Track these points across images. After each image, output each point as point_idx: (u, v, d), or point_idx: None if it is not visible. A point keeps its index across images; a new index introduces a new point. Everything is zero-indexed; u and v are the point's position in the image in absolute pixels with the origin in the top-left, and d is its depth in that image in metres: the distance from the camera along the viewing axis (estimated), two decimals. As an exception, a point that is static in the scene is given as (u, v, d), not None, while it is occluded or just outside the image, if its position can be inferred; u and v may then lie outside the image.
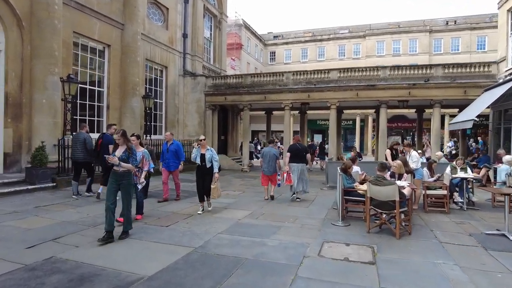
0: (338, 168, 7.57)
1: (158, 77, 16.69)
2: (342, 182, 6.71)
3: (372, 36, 39.54)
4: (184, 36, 17.89)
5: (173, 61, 17.26)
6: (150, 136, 13.98)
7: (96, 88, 12.89)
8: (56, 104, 10.18)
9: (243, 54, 37.85)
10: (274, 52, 45.02)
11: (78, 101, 12.04)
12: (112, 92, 13.27)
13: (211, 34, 21.19)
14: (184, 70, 17.88)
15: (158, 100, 16.60)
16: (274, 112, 22.38)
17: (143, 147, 7.84)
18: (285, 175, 8.79)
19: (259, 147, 28.73)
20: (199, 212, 7.12)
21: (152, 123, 16.23)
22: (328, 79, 15.54)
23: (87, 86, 12.49)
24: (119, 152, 5.19)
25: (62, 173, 9.92)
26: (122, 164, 5.06)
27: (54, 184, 9.51)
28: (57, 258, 4.39)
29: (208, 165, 7.07)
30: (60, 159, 9.92)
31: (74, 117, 11.80)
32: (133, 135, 6.56)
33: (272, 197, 9.06)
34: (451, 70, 14.23)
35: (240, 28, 38.99)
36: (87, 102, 12.48)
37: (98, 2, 12.39)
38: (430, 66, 14.81)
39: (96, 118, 12.84)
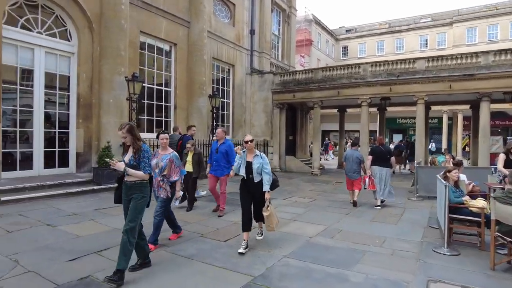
0: (438, 176, 5.89)
1: (225, 76, 16.22)
2: (448, 196, 5.05)
3: (460, 22, 34.74)
4: (251, 32, 17.19)
5: (240, 59, 16.66)
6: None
7: (163, 88, 12.78)
8: (122, 104, 10.11)
9: (313, 50, 36.26)
10: (347, 47, 42.47)
11: (146, 101, 12.02)
12: (179, 92, 13.05)
13: (279, 29, 20.21)
14: (251, 68, 17.18)
15: (225, 100, 16.14)
16: (348, 110, 20.51)
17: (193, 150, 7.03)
18: (367, 179, 8.16)
19: (331, 154, 26.97)
20: (240, 251, 4.62)
21: (220, 123, 15.80)
22: (413, 69, 13.36)
23: (154, 86, 12.42)
24: (128, 155, 3.90)
25: (128, 174, 9.78)
26: (130, 171, 3.74)
27: (120, 185, 9.37)
28: (93, 279, 3.71)
29: (257, 179, 4.85)
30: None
31: (141, 117, 11.80)
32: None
33: (355, 203, 8.28)
34: None
35: (310, 24, 37.47)
36: (155, 102, 12.39)
37: (164, 1, 12.22)
38: (553, 46, 11.73)
39: (163, 119, 12.72)
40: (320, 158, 23.40)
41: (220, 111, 15.88)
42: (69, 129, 9.85)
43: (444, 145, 29.06)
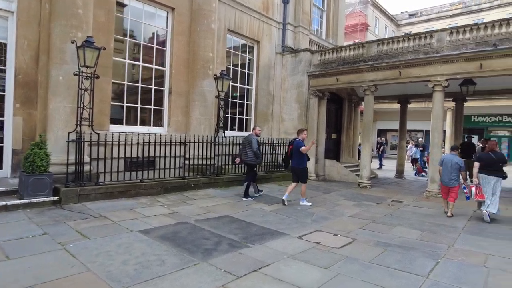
0: None
1: (247, 55, 12.71)
2: None
3: None
4: (285, 1, 13.46)
5: (268, 33, 13.03)
6: (223, 133, 10.02)
7: (154, 66, 9.63)
8: (76, 84, 7.06)
9: (369, 36, 31.23)
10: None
11: (126, 82, 8.97)
12: (176, 72, 9.84)
13: (323, 0, 16.16)
14: (283, 45, 13.46)
15: (246, 86, 12.64)
16: (411, 103, 15.80)
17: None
18: (473, 189, 7.25)
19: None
20: None
21: (237, 115, 12.35)
22: (522, 33, 8.69)
23: (140, 63, 9.31)
24: None
25: (77, 180, 6.78)
26: None
27: (56, 198, 6.37)
28: None
29: None
30: (79, 160, 6.82)
31: (116, 103, 8.78)
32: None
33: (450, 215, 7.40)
34: None
35: (366, 6, 32.52)
36: (140, 85, 9.29)
37: None
38: None
39: (152, 107, 9.58)
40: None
41: (238, 100, 12.42)
42: (4, 117, 7.08)
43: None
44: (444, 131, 22.39)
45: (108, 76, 8.31)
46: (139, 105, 9.24)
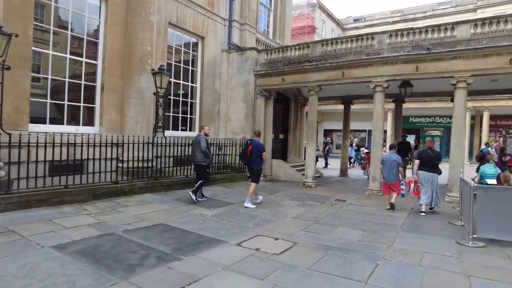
0: None
1: (191, 51, 12.12)
2: None
3: (487, 8, 30.46)
4: (231, -3, 13.08)
5: (213, 30, 12.55)
6: (163, 133, 9.36)
7: (84, 59, 8.71)
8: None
9: (316, 39, 31.95)
10: (354, 37, 38.04)
11: (50, 76, 7.96)
12: (110, 66, 9.00)
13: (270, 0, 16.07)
14: (229, 43, 13.07)
15: (190, 84, 12.05)
16: (354, 104, 16.36)
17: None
18: (412, 185, 7.72)
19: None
20: None
21: (180, 115, 11.72)
22: (452, 39, 9.19)
23: (68, 55, 8.35)
24: None
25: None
26: None
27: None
28: None
29: None
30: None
31: (38, 99, 7.76)
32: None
33: (392, 206, 7.98)
34: None
35: (313, 9, 33.28)
36: (67, 80, 8.33)
37: None
38: None
39: (82, 104, 8.65)
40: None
41: (182, 98, 11.80)
42: None
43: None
44: (385, 131, 23.68)
45: (26, 69, 7.29)
46: (66, 102, 8.25)
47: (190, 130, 11.95)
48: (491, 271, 4.30)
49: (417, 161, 7.92)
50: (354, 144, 20.66)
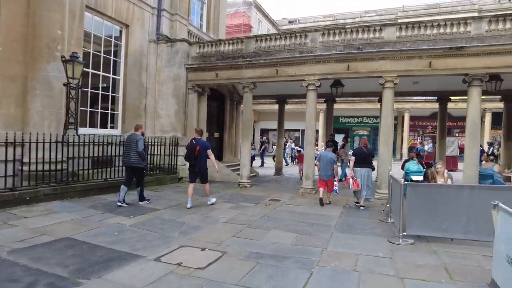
0: None
1: (113, 40, 10.88)
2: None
3: (406, 18, 33.25)
4: (160, -16, 12.08)
5: (140, 18, 11.45)
6: (76, 130, 8.14)
7: (-31, 40, 7.15)
8: None
9: (252, 37, 31.85)
10: (289, 38, 38.87)
11: None
12: (6, 50, 7.52)
13: (204, -9, 15.33)
14: (157, 33, 12.06)
15: (111, 76, 10.81)
16: (289, 104, 16.41)
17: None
18: (350, 180, 8.06)
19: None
20: None
21: (99, 110, 10.45)
22: (380, 40, 9.48)
23: None
24: None
25: None
26: None
27: None
28: None
29: None
30: None
31: None
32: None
33: (321, 201, 8.21)
34: None
35: (249, 8, 33.14)
36: None
37: None
38: None
39: (-31, 94, 7.09)
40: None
41: (102, 91, 10.53)
42: None
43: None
44: (318, 131, 24.44)
45: None
46: None
47: (112, 127, 10.72)
48: (422, 270, 4.24)
49: (353, 158, 8.26)
50: (288, 143, 20.91)
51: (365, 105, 24.85)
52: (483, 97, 9.23)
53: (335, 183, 8.32)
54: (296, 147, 21.44)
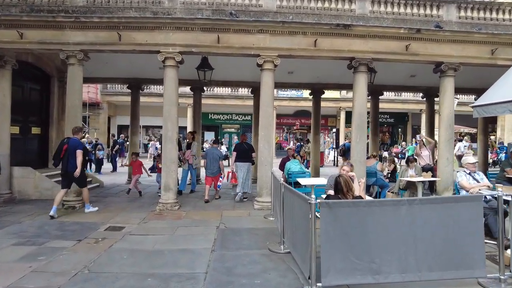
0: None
1: None
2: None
3: None
4: None
5: None
6: None
7: None
8: None
9: None
10: None
11: None
12: None
13: None
14: None
15: None
16: (152, 97, 13.03)
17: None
18: (230, 174, 8.49)
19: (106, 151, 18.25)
20: None
21: None
22: (258, 8, 7.45)
23: None
24: None
25: None
26: None
27: None
28: None
29: None
30: None
31: None
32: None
33: (207, 201, 8.12)
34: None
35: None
36: None
37: None
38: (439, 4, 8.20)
39: None
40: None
41: None
42: None
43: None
44: (186, 128, 21.63)
45: None
46: None
47: None
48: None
49: (234, 153, 8.61)
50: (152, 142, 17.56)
51: (235, 101, 23.40)
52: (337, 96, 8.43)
53: (220, 178, 8.56)
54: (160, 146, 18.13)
